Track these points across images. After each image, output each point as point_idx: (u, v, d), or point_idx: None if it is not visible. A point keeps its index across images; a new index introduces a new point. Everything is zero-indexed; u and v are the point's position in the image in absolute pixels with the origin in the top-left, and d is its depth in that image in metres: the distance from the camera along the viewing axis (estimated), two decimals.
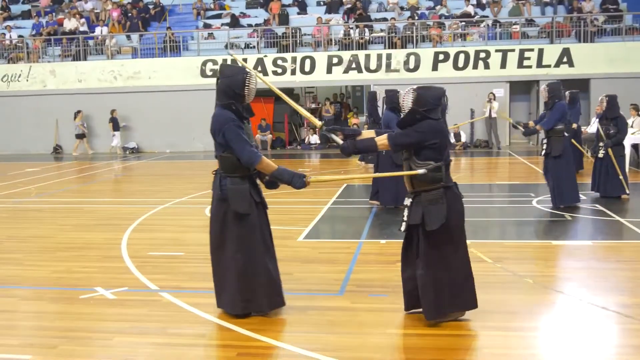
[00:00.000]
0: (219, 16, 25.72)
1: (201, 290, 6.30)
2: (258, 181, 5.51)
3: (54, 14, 26.69)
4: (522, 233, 8.99)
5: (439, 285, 5.03)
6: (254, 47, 23.40)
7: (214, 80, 19.62)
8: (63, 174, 17.44)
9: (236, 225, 5.31)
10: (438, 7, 24.35)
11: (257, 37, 23.34)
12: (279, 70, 22.31)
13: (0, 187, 14.52)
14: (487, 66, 21.47)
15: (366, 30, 22.85)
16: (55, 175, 17.14)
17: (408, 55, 21.75)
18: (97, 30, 25.08)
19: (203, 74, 22.66)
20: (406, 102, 5.07)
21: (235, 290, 5.32)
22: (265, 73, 22.29)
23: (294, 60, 22.27)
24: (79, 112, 22.75)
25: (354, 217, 10.25)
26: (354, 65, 21.96)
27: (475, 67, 21.50)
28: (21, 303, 6.24)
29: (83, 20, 25.55)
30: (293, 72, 22.27)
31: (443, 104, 5.04)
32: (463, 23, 22.97)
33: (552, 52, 21.29)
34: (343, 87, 26.67)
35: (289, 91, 24.77)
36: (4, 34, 25.46)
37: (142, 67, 23.20)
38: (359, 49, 22.33)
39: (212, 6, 26.32)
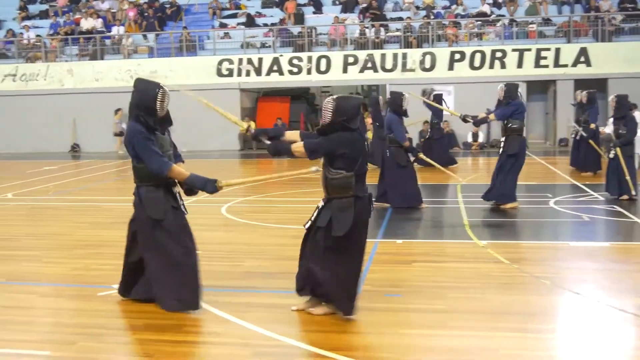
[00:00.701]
0: (234, 16, 25.79)
1: (217, 288, 6.32)
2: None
3: (71, 13, 26.89)
4: (539, 234, 8.94)
5: (342, 285, 5.27)
6: (269, 46, 23.44)
7: (230, 80, 19.72)
8: (81, 172, 17.58)
9: (152, 229, 5.56)
10: (454, 7, 24.26)
11: (273, 36, 23.38)
12: (295, 70, 22.34)
13: (18, 185, 14.66)
14: (503, 66, 21.35)
15: (382, 29, 22.82)
16: (72, 174, 17.28)
17: (424, 54, 21.69)
18: (114, 29, 25.24)
19: (219, 73, 22.74)
20: (326, 111, 5.19)
21: (164, 287, 5.56)
22: (281, 73, 22.34)
23: (309, 59, 22.29)
24: (118, 110, 22.63)
25: (371, 216, 10.23)
26: (369, 65, 21.94)
27: (491, 66, 21.39)
28: (40, 300, 6.30)
29: (100, 19, 25.73)
30: (309, 72, 22.28)
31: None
32: (479, 22, 22.87)
33: (569, 51, 21.14)
34: (359, 86, 26.64)
35: (305, 91, 24.85)
36: (22, 34, 25.69)
37: (159, 66, 23.31)
38: (374, 49, 22.31)
39: (227, 6, 26.40)
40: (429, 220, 10.05)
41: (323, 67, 22.21)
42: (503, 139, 10.40)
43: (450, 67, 21.50)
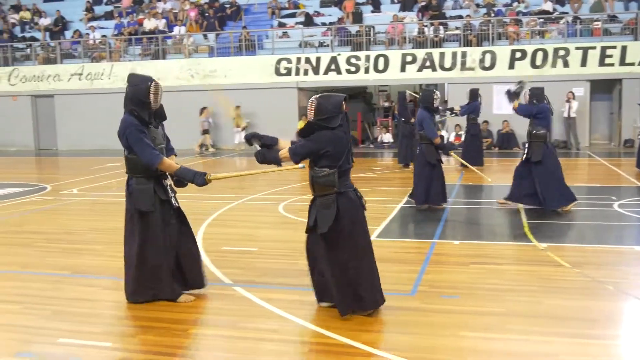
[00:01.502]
0: (293, 15, 25.95)
1: (274, 285, 6.38)
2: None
3: (134, 14, 27.56)
4: (603, 237, 8.67)
5: (339, 284, 5.28)
6: (327, 45, 23.49)
7: (288, 79, 19.85)
8: None
9: (139, 220, 5.72)
10: (515, 4, 23.78)
11: (331, 35, 23.42)
12: (352, 69, 22.31)
13: (83, 181, 15.12)
14: (566, 64, 20.81)
15: (441, 27, 22.57)
16: None
17: (484, 53, 21.34)
18: (176, 29, 25.74)
19: (277, 72, 22.91)
20: (310, 110, 5.28)
21: (135, 278, 5.76)
22: (338, 72, 22.34)
23: (367, 58, 22.23)
24: (204, 108, 22.88)
25: (427, 216, 10.15)
26: (428, 64, 21.73)
27: (553, 65, 20.88)
28: (102, 292, 6.48)
29: (163, 20, 26.28)
30: (366, 71, 22.23)
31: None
32: (541, 20, 22.36)
33: (636, 49, 20.42)
34: (417, 85, 26.43)
35: (362, 90, 24.77)
36: (88, 34, 26.47)
37: (218, 65, 23.65)
38: (433, 47, 22.08)
39: (286, 5, 26.58)
40: (486, 222, 9.90)
41: (381, 66, 22.12)
42: (527, 145, 10.21)
43: (511, 66, 21.10)
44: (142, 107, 5.71)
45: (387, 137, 23.05)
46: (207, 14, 26.06)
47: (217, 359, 4.68)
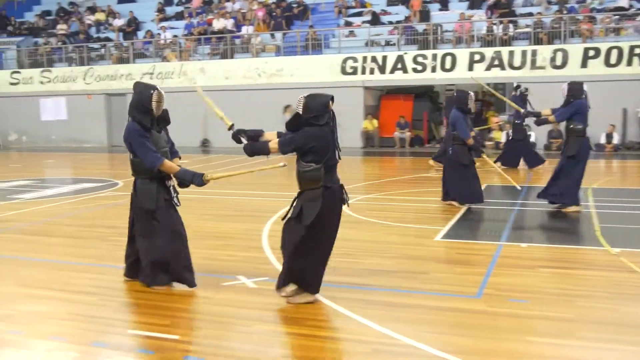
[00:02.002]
0: (359, 14, 25.92)
1: (337, 284, 6.39)
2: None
3: (204, 14, 28.10)
4: None
5: (311, 266, 5.71)
6: (394, 44, 23.37)
7: (354, 78, 19.86)
8: (210, 166, 18.33)
9: (145, 217, 6.20)
10: (589, 1, 23.06)
11: (398, 34, 23.28)
12: (419, 68, 22.13)
13: None
14: None
15: (510, 25, 22.12)
16: (202, 167, 18.05)
17: (555, 51, 20.77)
18: (244, 29, 26.12)
19: (343, 71, 22.94)
20: (298, 108, 5.56)
21: (147, 267, 6.25)
22: (405, 71, 22.20)
23: (434, 57, 22.00)
24: (288, 106, 23.13)
25: (494, 218, 9.98)
26: (496, 62, 21.33)
27: (629, 63, 20.13)
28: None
29: (231, 20, 26.71)
30: (433, 70, 21.99)
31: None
32: (617, 17, 21.59)
33: None
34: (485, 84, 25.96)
35: (429, 89, 24.55)
36: (160, 34, 27.16)
37: (285, 64, 23.87)
38: (502, 45, 21.65)
39: (353, 4, 26.57)
40: (555, 224, 9.64)
41: (448, 65, 21.86)
42: (564, 139, 10.17)
43: (584, 65, 20.47)
44: (144, 114, 6.13)
45: None
46: (274, 14, 26.34)
47: (280, 356, 4.73)
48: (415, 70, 22.15)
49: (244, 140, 5.95)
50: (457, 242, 8.43)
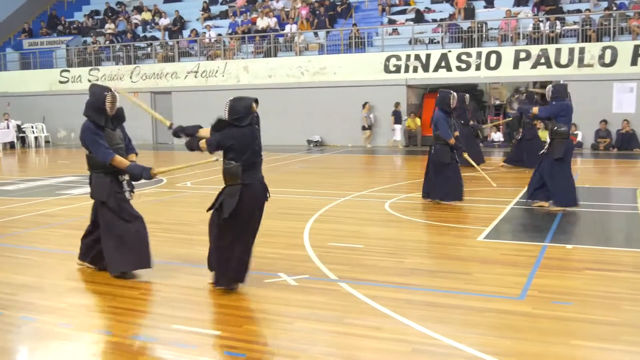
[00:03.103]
0: (403, 12, 25.78)
1: (379, 283, 6.38)
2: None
3: (248, 13, 28.32)
4: None
5: (222, 259, 6.09)
6: (437, 42, 23.17)
7: (397, 76, 19.78)
8: None
9: (101, 208, 6.70)
10: None
11: (442, 32, 23.07)
12: (463, 66, 21.89)
13: (197, 175, 15.72)
14: None
15: (557, 22, 21.70)
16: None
17: (604, 48, 20.30)
18: (287, 28, 26.23)
19: (386, 69, 22.85)
20: (225, 111, 6.03)
21: (108, 256, 6.70)
22: (448, 69, 22.00)
23: (478, 55, 21.74)
24: (366, 103, 23.02)
25: (538, 219, 9.81)
26: (542, 60, 20.95)
27: None
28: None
29: (275, 18, 26.85)
30: (477, 68, 21.74)
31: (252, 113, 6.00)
32: None
33: None
34: (530, 83, 25.56)
35: (473, 87, 24.29)
36: (205, 33, 27.46)
37: (328, 63, 23.89)
38: (548, 43, 21.27)
39: (397, 2, 26.43)
40: (602, 226, 9.44)
41: (493, 63, 21.57)
42: (548, 141, 10.17)
43: (634, 62, 19.94)
44: (99, 114, 6.61)
45: (498, 136, 22.45)
46: (318, 12, 26.38)
47: (320, 354, 4.74)
48: (459, 68, 21.92)
49: (185, 137, 6.43)
50: (500, 242, 8.32)
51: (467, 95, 16.80)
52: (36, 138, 26.88)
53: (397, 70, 22.71)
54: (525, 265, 6.96)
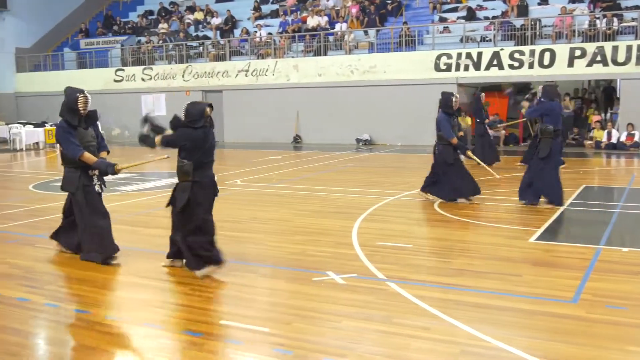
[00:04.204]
0: (455, 9, 25.49)
1: (428, 283, 6.33)
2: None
3: (298, 12, 28.44)
4: None
5: (185, 247, 6.68)
6: (489, 40, 22.83)
7: (447, 74, 19.70)
8: (301, 163, 18.58)
9: (73, 199, 7.36)
10: None
11: (494, 29, 22.73)
12: (516, 64, 21.52)
13: (246, 173, 15.89)
14: None
15: (614, 19, 21.11)
16: (294, 164, 18.31)
17: None
18: (337, 26, 26.23)
19: (437, 68, 22.64)
20: (182, 114, 6.59)
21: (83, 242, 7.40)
22: (500, 67, 21.67)
23: (532, 53, 21.33)
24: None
25: (593, 220, 9.58)
26: (598, 58, 20.42)
27: None
28: (261, 279, 6.79)
29: (325, 17, 26.89)
30: (530, 66, 21.33)
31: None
32: None
33: None
34: (585, 81, 24.96)
35: (526, 85, 23.86)
36: (256, 32, 27.70)
37: (378, 61, 23.80)
38: (605, 40, 20.72)
39: (448, 0, 26.15)
40: None
41: (546, 61, 21.12)
42: (537, 141, 10.53)
43: None
44: (72, 114, 7.17)
45: None
46: (368, 10, 26.31)
47: (368, 353, 4.73)
48: (511, 66, 21.56)
49: (146, 129, 6.97)
50: (553, 244, 8.15)
51: (483, 94, 17.27)
52: None
53: (448, 68, 22.48)
54: (578, 268, 6.81)
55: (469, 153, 11.29)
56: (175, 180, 6.80)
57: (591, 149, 20.51)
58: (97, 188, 7.37)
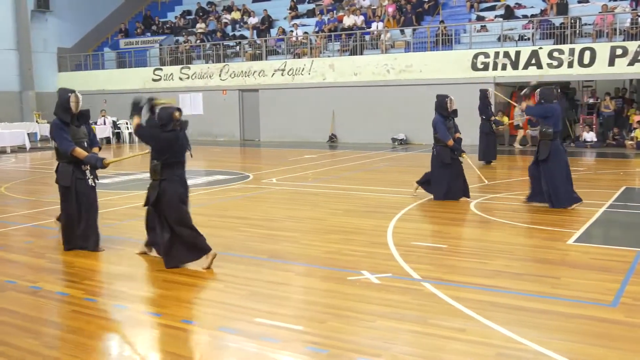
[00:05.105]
0: (492, 8, 25.21)
1: (463, 284, 6.28)
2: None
3: (335, 11, 28.44)
4: None
5: (164, 243, 7.06)
6: (528, 39, 22.52)
7: (484, 74, 19.51)
8: (336, 162, 18.57)
9: (63, 192, 7.87)
10: None
11: (533, 28, 22.41)
12: (554, 63, 21.19)
13: (282, 171, 15.96)
14: None
15: None
16: (329, 163, 18.32)
17: None
18: (373, 25, 26.16)
19: (474, 67, 22.42)
20: (157, 116, 7.05)
21: (64, 234, 7.99)
22: (539, 66, 21.37)
23: (571, 52, 20.98)
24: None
25: (634, 222, 9.39)
26: None
27: None
28: (295, 277, 6.82)
29: (361, 16, 26.84)
30: (570, 65, 20.99)
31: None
32: None
33: None
34: (626, 80, 24.44)
35: (565, 85, 23.49)
36: (292, 32, 27.79)
37: (414, 60, 23.67)
38: None
39: None
40: None
41: (586, 60, 20.75)
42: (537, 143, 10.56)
43: None
44: (65, 112, 7.77)
45: (590, 136, 21.59)
46: (404, 9, 26.18)
47: (402, 353, 4.71)
48: (550, 65, 21.24)
49: (142, 103, 7.47)
50: (592, 246, 8.00)
51: (490, 90, 17.33)
52: (130, 134, 27.92)
53: (485, 68, 22.24)
54: (618, 271, 6.67)
55: (464, 155, 11.46)
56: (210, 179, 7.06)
57: (632, 149, 20.09)
58: (90, 182, 7.91)
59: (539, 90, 10.57)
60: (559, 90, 10.96)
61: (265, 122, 26.84)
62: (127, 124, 28.09)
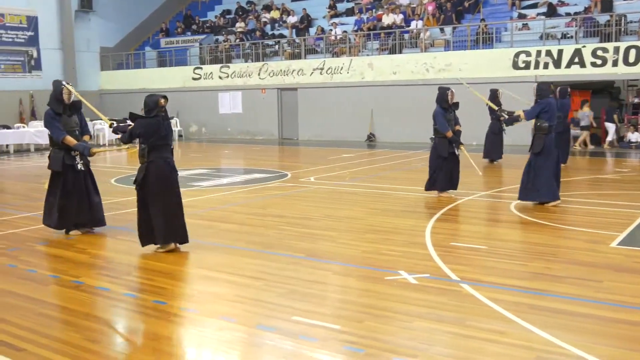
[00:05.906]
0: (534, 6, 24.80)
1: (502, 286, 6.20)
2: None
3: (374, 10, 28.33)
4: None
5: (155, 222, 7.56)
6: (571, 37, 22.11)
7: (526, 73, 19.26)
8: (374, 161, 18.52)
9: (54, 177, 8.63)
10: None
11: (576, 26, 21.99)
12: (598, 62, 20.75)
13: (320, 170, 15.97)
14: None
15: None
16: (367, 162, 18.28)
17: None
18: (413, 24, 25.99)
19: (515, 66, 22.10)
20: (143, 104, 7.62)
21: (54, 213, 8.59)
22: (582, 65, 20.92)
23: (616, 50, 20.51)
24: (586, 101, 21.73)
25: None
26: None
27: None
28: (333, 277, 6.82)
29: (401, 15, 26.70)
30: (614, 64, 20.52)
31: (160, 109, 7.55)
32: None
33: None
34: None
35: (609, 84, 23.02)
36: (331, 30, 27.79)
37: (454, 59, 23.44)
38: None
39: None
40: None
41: (631, 59, 20.27)
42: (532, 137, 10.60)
43: None
44: (58, 103, 8.46)
45: (635, 137, 21.10)
46: (444, 8, 25.95)
47: (439, 354, 4.67)
48: (594, 64, 20.80)
49: (119, 134, 8.16)
50: (637, 249, 7.82)
51: (500, 89, 17.35)
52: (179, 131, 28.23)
53: (527, 66, 21.90)
54: None
55: (462, 148, 11.59)
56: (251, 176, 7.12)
57: None
58: (79, 167, 8.57)
59: (536, 86, 10.79)
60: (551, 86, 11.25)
61: (304, 120, 26.89)
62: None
